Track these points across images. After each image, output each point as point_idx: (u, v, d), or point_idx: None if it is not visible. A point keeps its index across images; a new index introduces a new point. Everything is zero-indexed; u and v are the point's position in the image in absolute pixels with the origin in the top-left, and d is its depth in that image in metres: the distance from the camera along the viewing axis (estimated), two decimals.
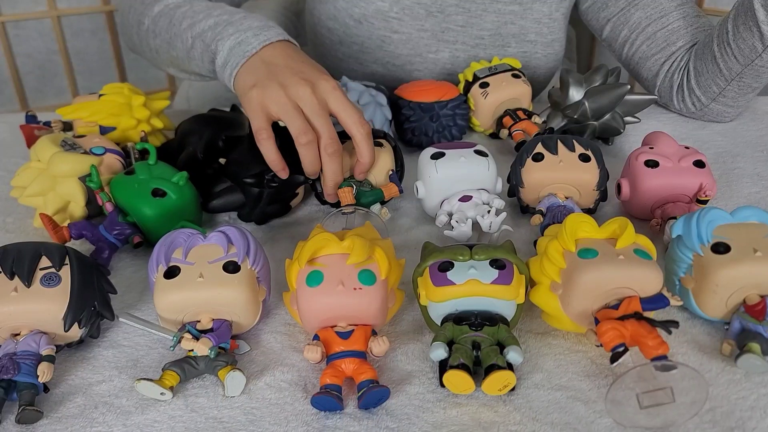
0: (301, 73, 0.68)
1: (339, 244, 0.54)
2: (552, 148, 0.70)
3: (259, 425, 0.49)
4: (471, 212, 0.67)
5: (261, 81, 0.68)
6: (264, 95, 0.66)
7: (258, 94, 0.66)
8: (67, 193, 0.68)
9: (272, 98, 0.66)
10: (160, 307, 0.53)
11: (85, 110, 0.80)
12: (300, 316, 0.54)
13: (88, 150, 0.72)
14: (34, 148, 0.71)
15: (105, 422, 0.50)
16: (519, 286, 0.53)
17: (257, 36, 0.72)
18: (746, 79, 0.85)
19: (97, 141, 0.74)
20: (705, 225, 0.55)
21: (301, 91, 0.66)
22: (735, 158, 0.84)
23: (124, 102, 0.80)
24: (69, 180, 0.68)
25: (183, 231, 0.56)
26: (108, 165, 0.72)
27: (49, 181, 0.68)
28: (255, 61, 0.70)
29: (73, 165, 0.68)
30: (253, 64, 0.70)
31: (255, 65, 0.70)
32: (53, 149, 0.69)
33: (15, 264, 0.53)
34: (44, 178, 0.68)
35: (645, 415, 0.47)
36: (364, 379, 0.50)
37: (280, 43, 0.72)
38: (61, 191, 0.69)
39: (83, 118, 0.79)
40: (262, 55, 0.71)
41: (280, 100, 0.66)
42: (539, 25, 0.97)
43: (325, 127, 0.66)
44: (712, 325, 0.57)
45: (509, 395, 0.51)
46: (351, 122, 0.67)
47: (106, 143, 0.74)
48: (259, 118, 0.67)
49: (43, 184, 0.68)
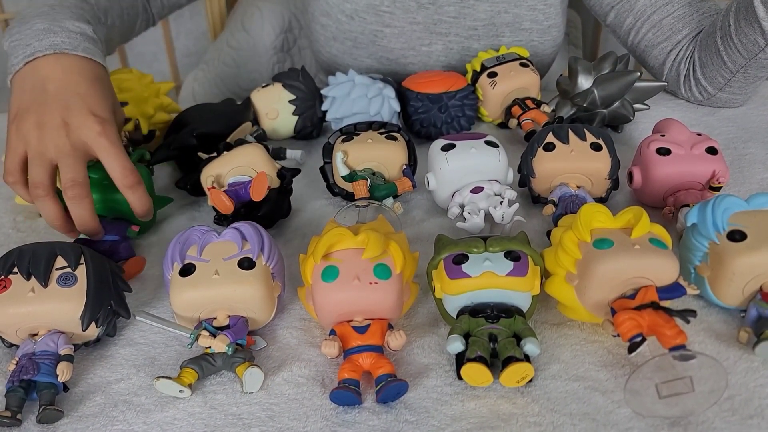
0: (66, 111, 0.61)
1: (354, 238, 0.54)
2: (563, 138, 0.69)
3: (278, 421, 0.50)
4: (483, 203, 0.66)
5: (22, 113, 0.62)
6: (21, 132, 0.61)
7: (16, 130, 0.62)
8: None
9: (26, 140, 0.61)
10: (176, 304, 0.54)
11: None
12: (316, 311, 0.54)
13: None
14: None
15: (125, 420, 0.50)
16: (534, 278, 0.53)
17: (27, 47, 0.65)
18: (751, 71, 0.84)
19: None
20: (720, 213, 0.55)
21: (56, 135, 0.60)
22: (746, 144, 0.84)
23: (134, 78, 0.82)
24: None
25: (197, 228, 0.57)
26: None
27: None
28: (24, 77, 0.64)
29: None
30: (21, 82, 0.64)
31: (22, 84, 0.64)
32: None
33: (31, 265, 0.53)
34: None
35: (664, 404, 0.47)
36: (382, 373, 0.50)
37: (60, 58, 0.65)
38: None
39: None
40: (35, 71, 0.64)
41: (31, 143, 0.61)
42: (534, 12, 0.96)
43: (69, 169, 0.60)
44: (729, 312, 0.57)
45: (527, 387, 0.51)
46: (114, 173, 0.62)
47: None
48: (11, 160, 0.62)
49: None
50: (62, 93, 0.63)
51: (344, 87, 0.84)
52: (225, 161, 0.69)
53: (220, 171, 0.68)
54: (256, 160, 0.68)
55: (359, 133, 0.74)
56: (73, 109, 0.62)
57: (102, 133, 0.61)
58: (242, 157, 0.68)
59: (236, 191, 0.66)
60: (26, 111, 0.63)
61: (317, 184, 0.76)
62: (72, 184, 0.60)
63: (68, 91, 0.63)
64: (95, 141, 0.61)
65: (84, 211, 0.60)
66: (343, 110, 0.83)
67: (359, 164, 0.71)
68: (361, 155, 0.71)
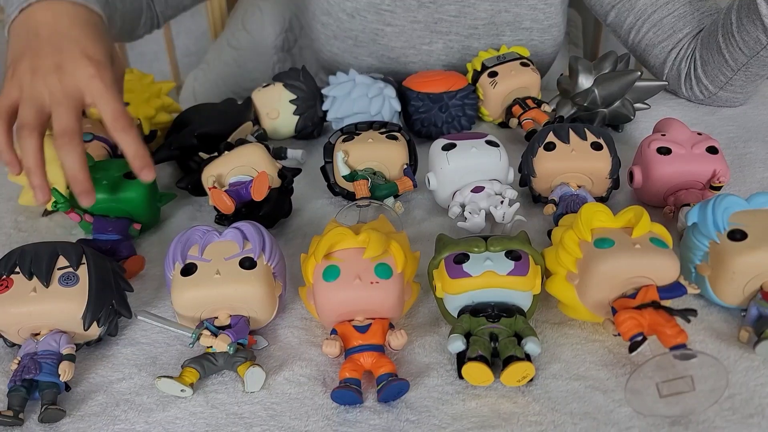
0: (59, 55, 0.60)
1: (355, 238, 0.54)
2: (563, 137, 0.69)
3: (279, 420, 0.50)
4: (484, 203, 0.66)
5: (16, 62, 0.61)
6: (13, 81, 0.60)
7: (11, 79, 0.60)
8: (50, 177, 0.69)
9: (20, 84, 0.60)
10: (177, 304, 0.54)
11: None
12: (317, 310, 0.55)
13: None
14: None
15: (127, 419, 0.50)
16: (535, 277, 0.53)
17: None
18: (753, 69, 0.84)
19: (88, 127, 0.75)
20: (721, 212, 0.55)
21: (49, 80, 0.59)
22: (746, 143, 0.84)
23: (135, 79, 0.82)
24: (52, 165, 0.68)
25: (198, 228, 0.57)
26: (94, 152, 0.72)
27: None
28: (19, 25, 0.63)
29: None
30: (16, 31, 0.63)
31: (17, 33, 0.63)
32: None
33: (33, 264, 0.53)
34: None
35: (664, 403, 0.47)
36: (383, 373, 0.50)
37: (53, 4, 0.63)
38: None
39: None
40: (29, 18, 0.63)
41: (24, 87, 0.60)
42: (534, 11, 0.96)
43: (61, 117, 0.59)
44: (729, 312, 0.57)
45: (528, 386, 0.51)
46: (105, 116, 0.60)
47: (96, 129, 0.75)
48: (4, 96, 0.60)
49: None
50: (54, 37, 0.61)
51: (345, 87, 0.84)
52: (226, 161, 0.69)
53: (221, 171, 0.68)
54: (257, 160, 0.68)
55: (360, 132, 0.74)
56: (65, 52, 0.60)
57: (95, 75, 0.60)
58: (243, 156, 0.69)
59: (237, 191, 0.66)
60: (21, 56, 0.61)
61: (318, 184, 0.76)
62: (63, 133, 0.58)
63: (61, 35, 0.62)
64: (88, 83, 0.60)
65: (74, 161, 0.58)
66: (344, 110, 0.83)
67: (360, 164, 0.71)
68: (362, 155, 0.71)
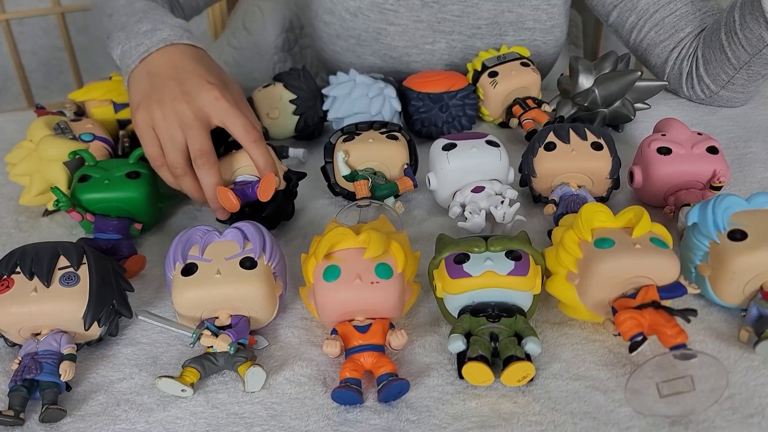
0: (182, 85, 0.65)
1: (355, 238, 0.54)
2: (564, 137, 0.69)
3: (280, 420, 0.50)
4: (484, 203, 0.66)
5: (143, 101, 0.66)
6: (146, 117, 0.65)
7: (142, 118, 0.65)
8: (51, 176, 0.69)
9: (153, 121, 0.65)
10: (178, 304, 0.54)
11: (97, 90, 0.82)
12: (318, 310, 0.55)
13: (77, 136, 0.73)
14: (30, 128, 0.73)
15: (128, 419, 0.50)
16: (535, 277, 0.53)
17: (138, 46, 0.69)
18: (755, 67, 0.84)
19: (89, 127, 0.76)
20: (721, 212, 0.55)
21: (177, 107, 0.64)
22: (746, 143, 0.84)
23: None
24: (53, 164, 0.69)
25: (199, 228, 0.57)
26: (95, 152, 0.72)
27: (36, 162, 0.70)
28: (139, 73, 0.69)
29: (58, 150, 0.69)
30: (138, 78, 0.69)
31: (140, 78, 0.68)
32: (45, 132, 0.71)
33: (34, 264, 0.53)
34: (32, 160, 0.70)
35: (665, 403, 0.47)
36: (383, 373, 0.50)
37: (167, 49, 0.69)
38: (45, 174, 0.70)
39: (97, 97, 0.81)
40: (148, 65, 0.68)
41: (157, 123, 0.65)
42: (537, 11, 0.96)
43: (195, 140, 0.64)
44: (729, 312, 0.57)
45: (528, 386, 0.51)
46: (236, 131, 0.65)
47: (97, 130, 0.75)
48: (149, 147, 0.66)
49: (30, 165, 0.70)
50: (174, 72, 0.67)
51: (345, 86, 0.84)
52: (233, 160, 0.69)
53: (226, 169, 0.68)
54: None
55: (360, 132, 0.74)
56: (187, 81, 0.66)
57: (219, 97, 0.65)
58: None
59: (243, 190, 0.66)
60: (146, 95, 0.66)
61: (318, 184, 0.77)
62: (200, 153, 0.64)
63: (179, 69, 0.67)
64: (214, 105, 0.65)
65: (212, 180, 0.64)
66: (344, 110, 0.83)
67: (360, 164, 0.71)
68: (363, 155, 0.71)
